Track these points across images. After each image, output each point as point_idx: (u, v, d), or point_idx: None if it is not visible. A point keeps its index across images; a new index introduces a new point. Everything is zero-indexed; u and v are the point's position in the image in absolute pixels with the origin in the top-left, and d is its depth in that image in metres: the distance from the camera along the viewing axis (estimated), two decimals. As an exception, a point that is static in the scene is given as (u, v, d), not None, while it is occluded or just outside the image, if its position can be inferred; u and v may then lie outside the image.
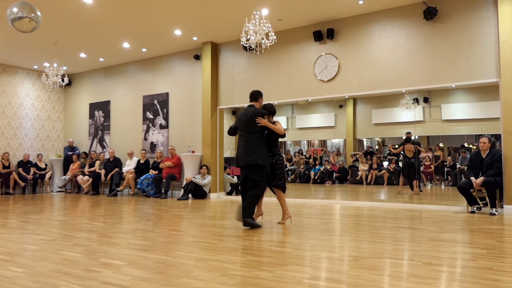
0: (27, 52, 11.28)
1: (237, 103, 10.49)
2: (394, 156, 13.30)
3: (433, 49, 8.03)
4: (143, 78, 12.08)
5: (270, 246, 4.26)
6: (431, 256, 3.70)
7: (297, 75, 9.47)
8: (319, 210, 7.73)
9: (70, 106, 13.85)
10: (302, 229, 5.28)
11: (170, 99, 11.47)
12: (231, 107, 11.74)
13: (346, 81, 8.88)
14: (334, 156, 15.25)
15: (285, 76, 9.63)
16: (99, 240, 4.59)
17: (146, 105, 11.92)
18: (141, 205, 8.86)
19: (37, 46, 10.75)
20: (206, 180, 9.94)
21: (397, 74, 8.34)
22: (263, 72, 9.97)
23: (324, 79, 9.11)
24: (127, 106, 12.40)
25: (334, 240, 4.54)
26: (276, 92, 9.72)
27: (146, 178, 10.61)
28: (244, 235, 4.93)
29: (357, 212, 7.29)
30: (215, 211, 7.90)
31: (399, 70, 8.34)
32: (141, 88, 12.11)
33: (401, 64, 8.33)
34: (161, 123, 11.55)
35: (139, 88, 12.15)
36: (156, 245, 4.33)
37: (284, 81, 9.62)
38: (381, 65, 8.53)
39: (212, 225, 5.86)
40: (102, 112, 12.95)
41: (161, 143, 11.54)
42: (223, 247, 4.17)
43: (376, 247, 4.10)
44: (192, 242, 4.49)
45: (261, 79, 9.95)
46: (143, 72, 12.10)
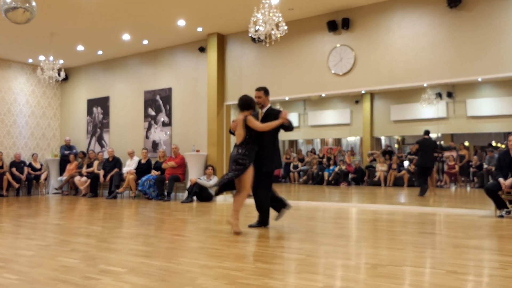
0: (21, 44, 11.38)
1: (245, 99, 10.48)
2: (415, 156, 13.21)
3: (458, 39, 7.96)
4: (145, 72, 12.12)
5: (281, 252, 4.25)
6: (455, 264, 3.67)
7: (310, 69, 9.45)
8: (334, 214, 7.70)
9: (66, 102, 13.96)
10: (316, 235, 5.27)
11: (173, 95, 11.50)
12: (238, 103, 11.75)
13: (363, 74, 8.83)
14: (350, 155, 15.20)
15: (297, 69, 9.60)
16: (98, 246, 4.62)
17: (148, 101, 11.97)
18: (142, 208, 8.90)
19: (31, 38, 10.84)
20: (212, 182, 9.95)
21: (418, 67, 8.28)
22: (273, 66, 9.95)
23: (339, 73, 9.08)
24: (128, 102, 12.46)
25: (350, 247, 4.52)
26: (287, 87, 9.70)
27: (148, 179, 10.65)
28: (253, 241, 4.93)
29: (375, 216, 7.26)
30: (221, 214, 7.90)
31: (420, 63, 8.28)
32: (142, 83, 12.16)
33: (422, 56, 8.27)
34: (164, 120, 11.59)
35: (140, 83, 12.20)
36: (159, 251, 4.34)
37: (296, 75, 9.60)
38: (401, 57, 8.47)
39: (219, 230, 5.86)
40: (101, 109, 13.03)
41: (164, 141, 11.58)
42: (230, 254, 4.18)
43: (395, 254, 4.07)
44: (197, 248, 4.50)
45: (271, 73, 9.94)
46: (144, 65, 12.14)
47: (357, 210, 8.19)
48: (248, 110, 5.50)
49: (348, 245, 4.59)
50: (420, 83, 8.45)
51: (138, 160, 11.54)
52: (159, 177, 10.57)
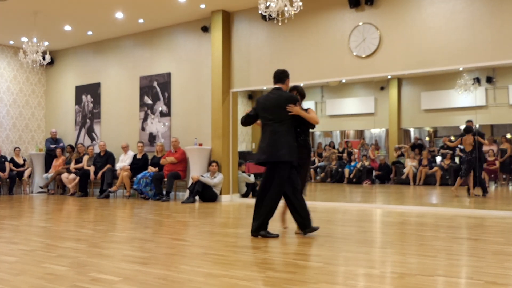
0: (1, 24, 11.44)
1: (254, 85, 10.47)
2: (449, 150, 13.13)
3: (499, 16, 7.86)
4: (140, 56, 12.15)
5: (294, 259, 4.25)
6: (495, 274, 3.65)
7: (328, 50, 9.40)
8: (355, 216, 7.67)
9: (52, 89, 14.05)
10: (334, 240, 5.26)
11: (172, 81, 11.52)
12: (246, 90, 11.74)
13: (389, 57, 8.77)
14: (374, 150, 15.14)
15: (313, 51, 9.56)
16: (88, 251, 4.66)
17: (144, 88, 12.00)
18: (138, 209, 8.94)
19: (13, 17, 10.88)
20: (217, 179, 9.98)
21: (454, 48, 8.20)
22: (285, 47, 9.92)
23: (361, 55, 9.02)
24: (121, 89, 12.51)
25: (374, 253, 4.51)
26: (302, 72, 9.67)
27: (144, 176, 10.70)
28: (263, 246, 4.94)
29: (403, 218, 7.23)
30: (227, 216, 7.90)
31: (455, 43, 8.20)
32: (137, 67, 12.19)
33: (458, 36, 8.19)
34: (162, 110, 11.62)
35: (135, 67, 12.23)
36: (157, 257, 4.37)
37: (312, 57, 9.56)
38: (433, 37, 8.40)
39: (224, 233, 5.88)
40: (91, 97, 13.10)
41: (162, 134, 11.61)
42: (237, 261, 4.19)
43: (426, 262, 4.06)
44: (200, 254, 4.52)
45: (284, 55, 9.91)
46: (140, 48, 12.16)
47: (382, 211, 8.16)
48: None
49: (371, 251, 4.58)
50: (455, 67, 8.38)
51: (133, 155, 11.59)
52: (157, 174, 10.61)
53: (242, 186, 10.75)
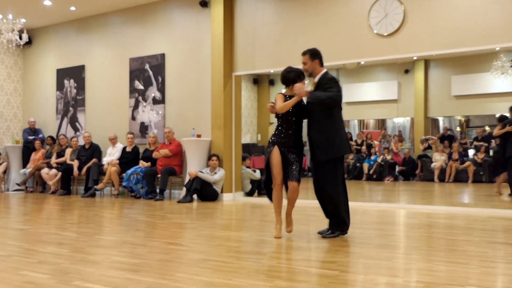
0: (-29, -1, 11.43)
1: (260, 68, 10.44)
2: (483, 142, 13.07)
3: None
4: (130, 34, 12.14)
5: (307, 267, 4.26)
6: (536, 283, 3.64)
7: (345, 28, 9.36)
8: (376, 218, 7.66)
9: (30, 73, 14.07)
10: (352, 244, 5.26)
11: (167, 63, 11.50)
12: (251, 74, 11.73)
13: (415, 35, 8.72)
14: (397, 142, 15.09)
15: (328, 29, 9.52)
16: (72, 257, 4.68)
17: (135, 72, 12.00)
18: (128, 209, 8.96)
19: (-15, -10, 10.85)
20: (217, 176, 9.98)
21: (489, 25, 8.14)
22: (296, 25, 9.88)
23: (383, 33, 8.98)
24: (108, 73, 12.51)
25: (397, 260, 4.51)
26: (315, 52, 9.61)
27: (135, 172, 10.71)
28: (271, 252, 4.94)
29: (430, 220, 7.21)
30: (229, 217, 7.91)
31: (492, 19, 8.14)
32: (127, 48, 12.18)
33: (495, 11, 8.12)
34: (155, 97, 11.61)
35: (125, 48, 12.22)
36: (150, 264, 4.38)
37: (326, 36, 9.52)
38: (466, 12, 8.34)
39: (226, 237, 5.88)
40: (74, 82, 13.11)
41: (155, 124, 11.62)
42: (241, 268, 4.20)
43: (456, 270, 4.05)
44: (198, 260, 4.53)
45: (294, 34, 9.87)
46: (129, 25, 12.15)
47: (407, 212, 8.15)
48: (287, 86, 5.73)
49: (394, 257, 4.57)
50: (491, 46, 8.32)
51: (122, 148, 11.59)
52: (149, 170, 10.62)
53: (246, 183, 10.76)
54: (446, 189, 12.03)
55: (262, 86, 18.16)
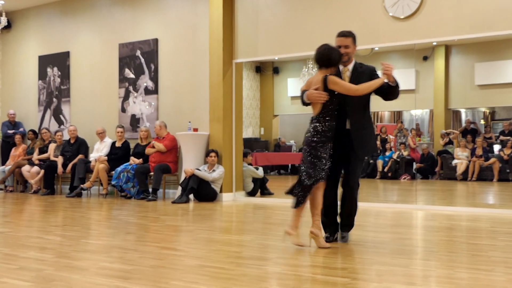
0: None
1: (263, 55, 10.43)
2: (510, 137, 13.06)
3: None
4: (120, 18, 12.12)
5: (314, 274, 4.27)
6: None
7: (356, 10, 9.34)
8: (391, 220, 7.67)
9: (9, 60, 14.07)
10: (365, 249, 5.27)
11: (160, 50, 11.49)
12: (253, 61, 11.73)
13: (435, 18, 8.70)
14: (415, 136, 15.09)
15: (338, 11, 9.50)
16: (56, 263, 4.69)
17: (125, 59, 11.99)
18: (117, 210, 8.97)
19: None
20: (216, 174, 9.99)
21: (517, 7, 8.13)
22: (303, 6, 9.86)
23: (399, 16, 8.96)
24: (96, 60, 12.51)
25: (414, 266, 4.51)
26: (323, 37, 9.55)
27: (125, 170, 10.71)
28: (274, 257, 4.95)
29: (451, 223, 7.21)
30: (229, 220, 7.93)
31: (519, 0, 8.13)
32: (116, 32, 12.17)
33: (523, -9, 8.11)
34: (147, 86, 11.61)
35: (114, 32, 12.21)
36: (141, 270, 4.39)
37: (336, 19, 9.50)
38: (491, -8, 8.32)
39: (226, 241, 5.89)
40: (58, 70, 13.11)
41: (148, 116, 11.61)
42: (242, 275, 4.21)
43: (479, 277, 4.06)
44: (195, 266, 4.54)
45: (300, 17, 9.85)
46: (119, 8, 12.13)
47: (425, 214, 8.15)
48: (328, 67, 5.33)
49: (411, 264, 4.58)
50: (518, 31, 8.32)
51: (111, 143, 11.59)
52: (141, 167, 10.63)
53: (248, 182, 10.76)
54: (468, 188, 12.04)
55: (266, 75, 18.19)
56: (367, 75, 5.47)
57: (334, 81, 5.20)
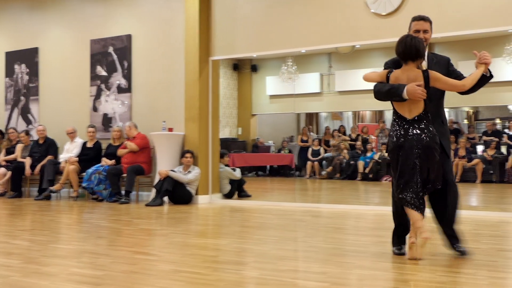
0: None
1: (241, 52, 10.43)
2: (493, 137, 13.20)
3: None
4: (91, 12, 12.05)
5: (293, 278, 4.27)
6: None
7: (337, 6, 9.37)
8: (372, 223, 7.71)
9: (-25, 57, 13.92)
10: (345, 253, 5.29)
11: (134, 46, 11.44)
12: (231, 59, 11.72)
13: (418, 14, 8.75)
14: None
15: (318, 8, 9.53)
16: (23, 269, 4.64)
17: (96, 56, 11.92)
18: (88, 213, 8.91)
19: None
20: (192, 175, 9.97)
21: (502, 5, 8.21)
22: (283, 3, 9.87)
23: (381, 13, 9.01)
24: (66, 56, 12.42)
25: (396, 270, 4.55)
26: (303, 35, 9.65)
27: (97, 171, 10.66)
28: (252, 262, 4.94)
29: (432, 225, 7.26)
30: (205, 223, 7.91)
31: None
32: (87, 28, 12.10)
33: (506, -12, 8.21)
34: (120, 84, 11.56)
35: (85, 28, 12.13)
36: (113, 276, 4.37)
37: (317, 15, 9.54)
38: (474, -11, 8.40)
39: (201, 245, 5.88)
40: (26, 67, 13.00)
41: (120, 115, 11.56)
42: (218, 280, 4.21)
43: (462, 281, 4.09)
44: (169, 271, 4.53)
45: (281, 14, 9.86)
46: (90, 2, 12.06)
47: (407, 217, 8.21)
48: (415, 60, 4.95)
49: (392, 267, 4.61)
50: (504, 29, 8.40)
51: (82, 143, 11.52)
52: (113, 169, 10.57)
53: (225, 184, 10.76)
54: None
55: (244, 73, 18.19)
56: (443, 67, 5.15)
57: (437, 77, 4.85)
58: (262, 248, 5.57)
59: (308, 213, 8.68)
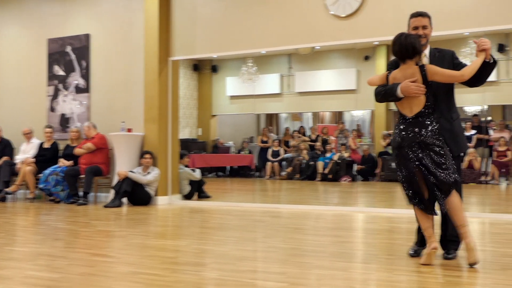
0: None
1: (201, 52, 10.42)
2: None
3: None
4: (48, 11, 11.90)
5: (252, 279, 4.29)
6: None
7: (297, 8, 9.42)
8: (331, 223, 7.77)
9: None
10: (303, 253, 5.32)
11: (92, 46, 11.35)
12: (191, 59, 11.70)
13: (376, 17, 8.86)
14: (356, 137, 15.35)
15: (278, 9, 9.57)
16: (-23, 272, 4.58)
17: (54, 55, 11.79)
18: (45, 215, 8.81)
19: None
20: (151, 176, 9.93)
21: (457, 8, 8.35)
22: (243, 3, 9.89)
23: (340, 14, 9.08)
24: (22, 56, 12.26)
25: (354, 270, 4.59)
26: (263, 36, 9.68)
27: (54, 172, 10.54)
28: (210, 262, 4.95)
29: (391, 225, 7.36)
30: (165, 224, 7.88)
31: (460, 1, 8.36)
32: (45, 27, 11.95)
33: (462, -9, 8.35)
34: (78, 84, 11.45)
35: (42, 27, 11.99)
36: (70, 278, 4.33)
37: (276, 16, 9.58)
38: (431, -8, 8.53)
39: (160, 246, 5.87)
40: (-19, 66, 12.79)
41: (78, 116, 11.45)
42: (177, 282, 4.20)
43: (419, 280, 4.15)
44: (127, 273, 4.51)
45: (240, 14, 9.88)
46: (48, 1, 11.91)
47: (365, 217, 8.29)
48: (413, 58, 4.89)
49: (350, 267, 4.66)
50: (459, 31, 8.52)
51: (39, 144, 11.39)
52: (71, 170, 10.47)
53: (185, 185, 10.74)
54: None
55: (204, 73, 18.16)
56: (447, 61, 5.01)
57: (434, 71, 4.76)
58: (222, 249, 5.58)
59: (267, 213, 8.71)
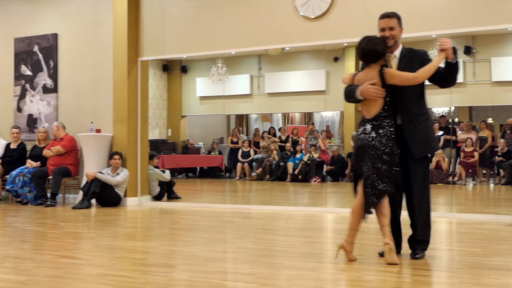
0: None
1: (171, 53, 10.39)
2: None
3: (480, -29, 8.17)
4: (15, 10, 11.78)
5: (222, 280, 4.28)
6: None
7: (267, 9, 9.44)
8: (301, 224, 7.80)
9: None
10: (274, 253, 5.34)
11: (60, 45, 11.25)
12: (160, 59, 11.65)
13: (345, 19, 8.92)
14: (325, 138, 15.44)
15: (247, 9, 9.59)
16: None
17: (21, 55, 11.67)
18: (12, 217, 8.73)
19: None
20: (120, 177, 9.88)
21: (425, 10, 8.44)
22: (212, 4, 9.88)
23: (310, 16, 9.13)
24: (-12, 55, 12.10)
25: (324, 270, 4.61)
26: (232, 37, 9.69)
27: (21, 173, 10.44)
28: (182, 264, 4.94)
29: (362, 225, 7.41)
30: (134, 225, 7.85)
31: (428, 4, 8.45)
32: (11, 26, 11.82)
33: (430, -6, 8.45)
34: (46, 84, 11.35)
35: (9, 26, 11.85)
36: (38, 281, 4.29)
37: (246, 17, 9.59)
38: (400, -6, 8.61)
39: (130, 248, 5.84)
40: None
41: (46, 116, 11.35)
42: (146, 283, 4.18)
43: (387, 280, 4.19)
44: (96, 275, 4.48)
45: (210, 15, 9.87)
46: (14, 0, 11.80)
47: (335, 217, 8.34)
48: (377, 61, 4.92)
49: (320, 267, 4.68)
50: (426, 33, 8.61)
51: (6, 145, 11.28)
52: (38, 171, 10.38)
53: (154, 186, 10.70)
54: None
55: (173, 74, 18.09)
56: (418, 61, 4.97)
57: (392, 74, 4.80)
58: (191, 250, 5.57)
59: (237, 214, 8.72)
